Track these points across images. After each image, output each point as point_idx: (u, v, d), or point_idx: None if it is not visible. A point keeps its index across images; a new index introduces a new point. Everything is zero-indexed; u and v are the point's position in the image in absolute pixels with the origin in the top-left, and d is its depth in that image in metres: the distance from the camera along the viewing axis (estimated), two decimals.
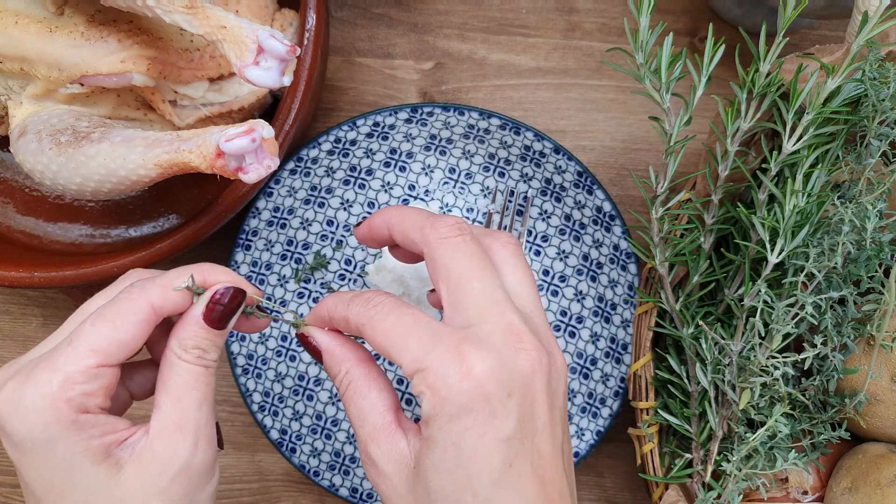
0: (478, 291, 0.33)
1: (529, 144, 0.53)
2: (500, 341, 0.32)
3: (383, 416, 0.34)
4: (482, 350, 0.31)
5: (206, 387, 0.34)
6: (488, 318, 0.33)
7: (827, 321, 0.44)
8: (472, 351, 0.31)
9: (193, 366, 0.33)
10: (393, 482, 0.33)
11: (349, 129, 0.52)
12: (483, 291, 0.33)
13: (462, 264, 0.34)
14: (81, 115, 0.47)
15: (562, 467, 0.34)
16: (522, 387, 0.32)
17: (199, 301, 0.34)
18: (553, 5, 0.58)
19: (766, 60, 0.43)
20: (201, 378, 0.33)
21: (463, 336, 0.32)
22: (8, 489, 0.59)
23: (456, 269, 0.34)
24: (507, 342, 0.32)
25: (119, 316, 0.32)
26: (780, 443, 0.45)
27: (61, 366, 0.31)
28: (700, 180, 0.47)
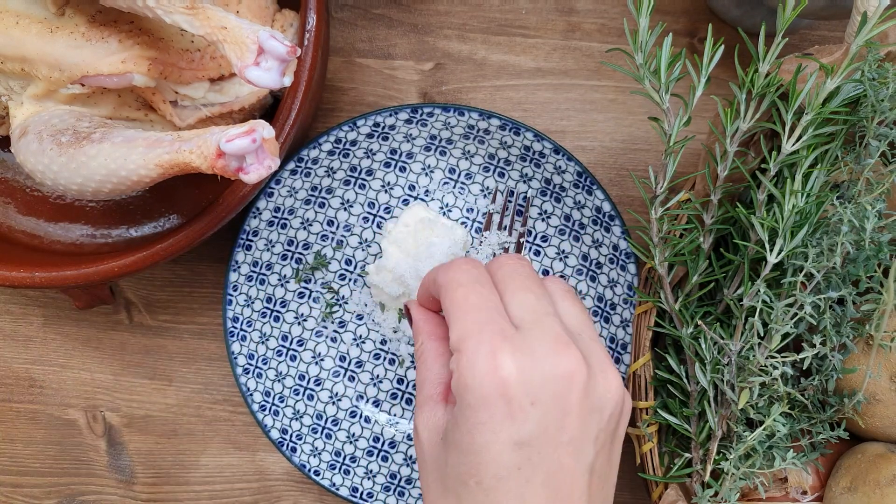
0: (531, 300, 0.36)
1: (529, 145, 0.53)
2: (543, 349, 0.33)
3: (435, 387, 0.37)
4: (520, 353, 0.33)
5: None
6: (537, 325, 0.34)
7: (826, 321, 0.44)
8: (508, 350, 0.33)
9: None
10: (425, 447, 0.36)
11: (349, 130, 0.52)
12: (537, 302, 0.36)
13: (520, 278, 0.37)
14: (82, 116, 0.47)
15: (585, 486, 0.34)
16: (553, 397, 0.33)
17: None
18: (553, 6, 0.58)
19: (765, 61, 0.43)
20: None
21: (509, 334, 0.34)
22: (8, 489, 0.59)
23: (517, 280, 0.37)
24: (550, 351, 0.33)
25: None
26: (778, 442, 0.45)
27: None
28: (699, 180, 0.48)
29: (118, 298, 0.59)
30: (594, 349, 0.36)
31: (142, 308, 0.59)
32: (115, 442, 0.59)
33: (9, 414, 0.59)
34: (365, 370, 0.56)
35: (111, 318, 0.59)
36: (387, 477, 0.55)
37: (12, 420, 0.59)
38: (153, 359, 0.59)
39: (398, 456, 0.55)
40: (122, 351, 0.59)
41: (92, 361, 0.59)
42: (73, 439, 0.59)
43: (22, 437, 0.59)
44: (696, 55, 0.46)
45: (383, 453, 0.56)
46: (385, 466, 0.55)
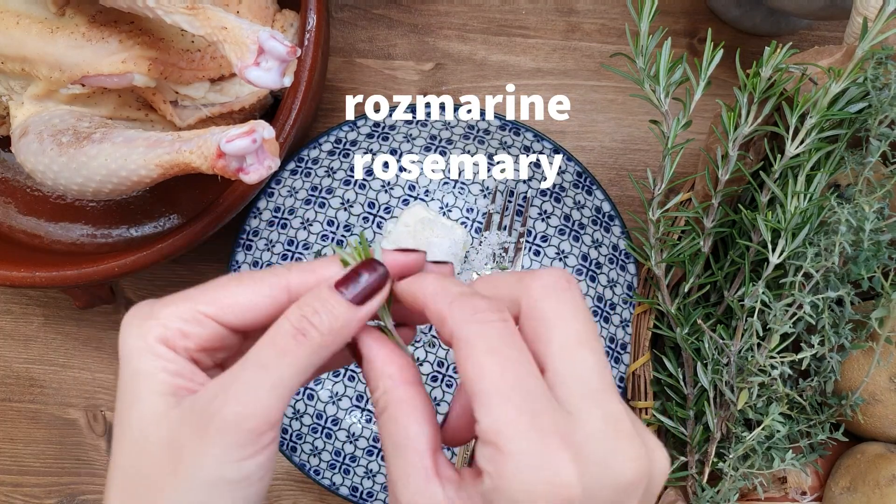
0: (588, 363, 0.27)
1: (529, 145, 0.53)
2: (603, 443, 0.26)
3: (420, 457, 0.28)
4: (580, 456, 0.25)
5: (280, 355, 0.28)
6: (595, 406, 0.26)
7: (824, 321, 0.44)
8: (567, 455, 0.25)
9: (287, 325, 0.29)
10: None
11: (349, 130, 0.52)
12: (592, 363, 0.27)
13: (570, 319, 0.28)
14: (83, 116, 0.47)
15: None
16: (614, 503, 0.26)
17: (342, 269, 0.30)
18: (553, 6, 0.58)
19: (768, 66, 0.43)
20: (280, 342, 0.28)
21: (562, 426, 0.26)
22: (9, 488, 0.59)
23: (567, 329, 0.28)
24: (612, 445, 0.26)
25: (253, 282, 0.30)
26: (777, 443, 0.45)
27: (180, 300, 0.30)
28: (699, 182, 0.48)
29: (118, 298, 0.59)
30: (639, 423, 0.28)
31: None
32: None
33: (9, 414, 0.59)
34: None
35: (111, 317, 0.59)
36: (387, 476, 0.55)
37: (13, 420, 0.59)
38: None
39: None
40: None
41: (92, 361, 0.59)
42: (73, 439, 0.59)
43: (22, 436, 0.59)
44: (695, 56, 0.46)
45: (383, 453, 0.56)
46: (385, 466, 0.55)
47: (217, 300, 0.30)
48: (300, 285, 0.30)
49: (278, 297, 0.30)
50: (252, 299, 0.30)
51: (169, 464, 0.28)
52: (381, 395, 0.29)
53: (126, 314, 0.31)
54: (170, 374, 0.29)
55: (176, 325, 0.29)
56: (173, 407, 0.29)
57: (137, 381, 0.29)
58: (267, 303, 0.30)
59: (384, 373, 0.29)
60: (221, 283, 0.30)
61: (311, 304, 0.29)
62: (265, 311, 0.30)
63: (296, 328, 0.28)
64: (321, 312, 0.29)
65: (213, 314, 0.30)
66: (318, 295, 0.29)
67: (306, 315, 0.29)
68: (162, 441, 0.28)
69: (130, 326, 0.30)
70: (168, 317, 0.30)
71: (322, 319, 0.29)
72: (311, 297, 0.29)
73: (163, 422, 0.29)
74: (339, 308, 0.29)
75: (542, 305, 0.28)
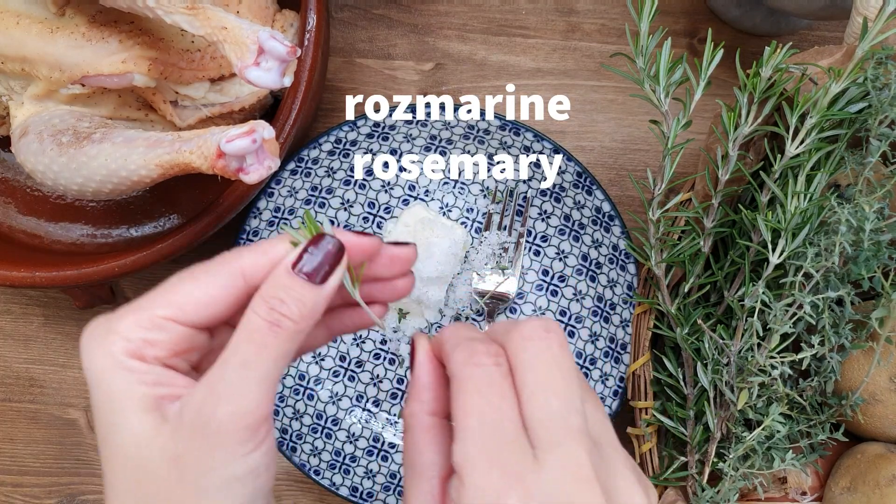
0: (555, 408, 0.28)
1: (529, 145, 0.53)
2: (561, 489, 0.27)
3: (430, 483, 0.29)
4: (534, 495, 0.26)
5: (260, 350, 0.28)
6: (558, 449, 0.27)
7: (825, 321, 0.44)
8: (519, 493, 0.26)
9: (259, 320, 0.29)
10: None
11: (349, 130, 0.52)
12: (561, 409, 0.28)
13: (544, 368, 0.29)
14: (83, 116, 0.47)
15: None
16: None
17: (294, 250, 0.30)
18: (553, 6, 0.58)
19: (768, 66, 0.43)
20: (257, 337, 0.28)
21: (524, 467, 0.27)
22: (9, 488, 0.59)
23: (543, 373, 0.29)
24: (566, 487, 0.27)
25: (206, 275, 0.30)
26: (777, 443, 0.45)
27: (135, 310, 0.29)
28: (699, 182, 0.48)
29: (118, 298, 0.59)
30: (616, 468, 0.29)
31: None
32: None
33: (9, 414, 0.59)
34: (365, 370, 0.57)
35: None
36: (387, 477, 0.55)
37: (12, 420, 0.59)
38: None
39: (398, 456, 0.55)
40: None
41: None
42: (73, 439, 0.59)
43: (22, 436, 0.59)
44: (695, 56, 0.46)
45: (383, 453, 0.56)
46: (385, 466, 0.55)
47: (173, 302, 0.29)
48: (253, 268, 0.30)
49: (235, 284, 0.30)
50: (208, 292, 0.30)
51: (173, 477, 0.28)
52: (409, 417, 0.31)
53: (83, 336, 0.30)
54: (148, 386, 0.29)
55: (138, 336, 0.29)
56: (161, 422, 0.28)
57: (117, 402, 0.29)
58: (225, 293, 0.30)
59: (419, 397, 0.31)
60: (173, 283, 0.30)
61: (276, 293, 0.29)
62: (225, 301, 0.30)
63: (268, 321, 0.29)
64: (287, 301, 0.29)
65: (172, 316, 0.29)
66: (279, 282, 0.29)
67: (275, 307, 0.29)
68: (159, 458, 0.28)
69: (91, 346, 0.29)
70: (127, 328, 0.29)
71: (291, 308, 0.29)
72: (273, 286, 0.29)
73: (156, 439, 0.28)
74: (302, 291, 0.29)
75: (520, 355, 0.29)
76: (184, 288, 0.30)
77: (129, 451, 0.29)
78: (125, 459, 0.29)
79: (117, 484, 0.29)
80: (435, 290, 0.54)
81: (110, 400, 0.29)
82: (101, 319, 0.30)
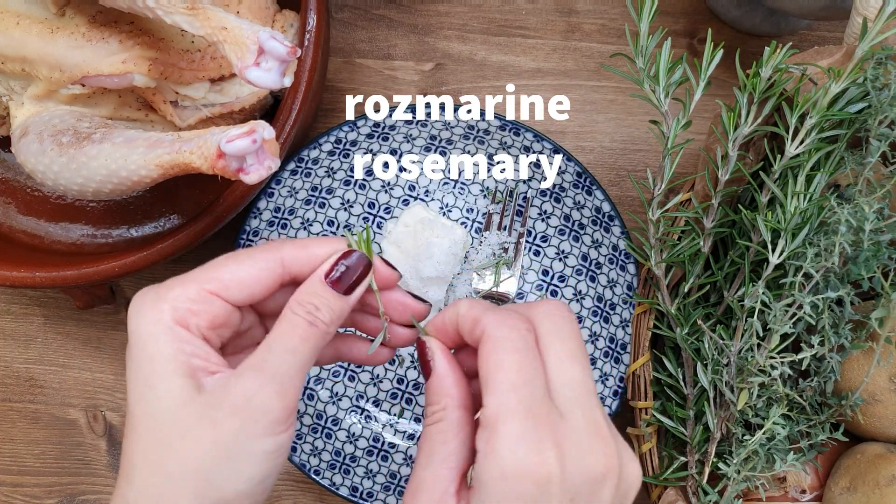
0: (577, 374, 0.32)
1: (529, 145, 0.53)
2: (585, 442, 0.31)
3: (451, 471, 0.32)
4: (565, 446, 0.30)
5: (300, 340, 0.33)
6: (580, 409, 0.31)
7: (824, 321, 0.44)
8: (553, 441, 0.30)
9: (299, 318, 0.33)
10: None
11: (349, 130, 0.53)
12: (581, 376, 0.32)
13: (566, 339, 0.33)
14: (83, 116, 0.47)
15: None
16: (589, 496, 0.30)
17: (325, 262, 0.34)
18: (552, 6, 0.58)
19: (768, 66, 0.43)
20: (298, 330, 0.33)
21: (554, 419, 0.30)
22: (9, 488, 0.59)
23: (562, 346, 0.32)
24: (592, 445, 0.31)
25: (250, 259, 0.34)
26: (778, 444, 0.45)
27: (183, 282, 0.33)
28: (699, 182, 0.48)
29: (118, 298, 0.59)
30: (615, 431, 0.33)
31: None
32: (116, 441, 0.59)
33: (9, 414, 0.59)
34: (365, 370, 0.57)
35: (111, 317, 0.59)
36: (387, 476, 0.55)
37: (13, 420, 0.59)
38: None
39: (398, 456, 0.56)
40: (122, 351, 0.59)
41: (92, 361, 0.59)
42: (73, 439, 0.59)
43: (22, 436, 0.59)
44: (695, 56, 0.46)
45: (383, 453, 0.56)
46: (385, 466, 0.55)
47: (220, 278, 0.33)
48: (293, 259, 0.34)
49: (275, 269, 0.34)
50: (251, 273, 0.33)
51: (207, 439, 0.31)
52: (440, 410, 0.33)
53: (133, 301, 0.33)
54: (187, 356, 0.32)
55: (185, 306, 0.32)
56: (196, 390, 0.32)
57: (159, 364, 0.32)
58: (265, 275, 0.34)
59: (450, 393, 0.34)
60: (220, 262, 0.34)
61: (310, 299, 0.34)
62: (264, 284, 0.34)
63: (307, 320, 0.33)
64: (321, 307, 0.34)
65: (217, 291, 0.33)
66: (313, 289, 0.34)
67: (310, 311, 0.33)
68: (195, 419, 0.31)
69: (142, 310, 0.33)
70: (177, 298, 0.32)
71: (323, 313, 0.34)
72: (309, 292, 0.34)
73: (192, 404, 0.31)
74: (332, 299, 0.34)
75: (546, 325, 0.33)
76: (229, 267, 0.33)
77: (164, 405, 0.31)
78: (160, 414, 0.32)
79: (147, 436, 0.32)
80: (435, 290, 0.54)
81: (152, 360, 0.32)
82: (150, 288, 0.33)
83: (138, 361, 0.32)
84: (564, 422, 0.31)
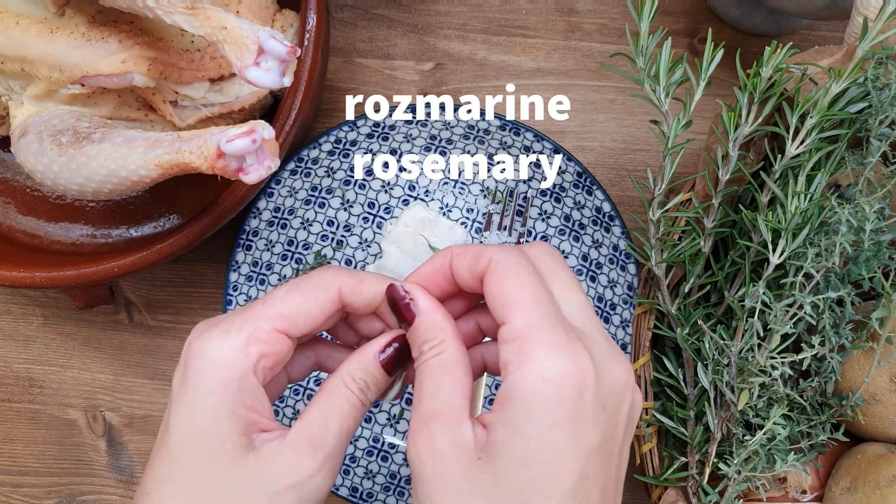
0: (581, 301, 0.33)
1: (529, 145, 0.53)
2: (606, 352, 0.32)
3: (460, 397, 0.32)
4: (594, 354, 0.31)
5: (354, 421, 0.33)
6: (592, 328, 0.32)
7: (825, 321, 0.44)
8: (585, 351, 0.30)
9: (354, 396, 0.33)
10: (447, 465, 0.31)
11: (349, 130, 0.52)
12: (585, 302, 0.34)
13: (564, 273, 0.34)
14: (82, 116, 0.47)
15: (619, 500, 0.33)
16: (614, 404, 0.31)
17: (378, 339, 0.35)
18: (553, 6, 0.58)
19: (768, 66, 0.43)
20: (354, 411, 0.33)
21: (580, 334, 0.31)
22: (9, 489, 0.59)
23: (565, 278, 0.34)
24: (612, 354, 0.32)
25: (311, 289, 0.33)
26: (778, 444, 0.45)
27: (251, 320, 0.32)
28: (699, 182, 0.48)
29: (118, 298, 0.59)
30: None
31: (142, 308, 0.59)
32: (116, 442, 0.59)
33: (9, 414, 0.59)
34: None
35: (111, 318, 0.59)
36: (387, 477, 0.55)
37: (12, 420, 0.59)
38: (153, 359, 0.59)
39: (398, 456, 0.55)
40: (122, 351, 0.59)
41: (92, 361, 0.59)
42: (73, 439, 0.59)
43: (22, 437, 0.59)
44: (696, 56, 0.46)
45: (383, 453, 0.56)
46: (385, 466, 0.55)
47: (288, 314, 0.33)
48: (349, 291, 0.34)
49: (335, 301, 0.34)
50: (316, 306, 0.33)
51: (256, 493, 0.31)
52: (438, 343, 0.33)
53: (195, 338, 0.32)
54: (247, 410, 0.32)
55: (258, 350, 0.32)
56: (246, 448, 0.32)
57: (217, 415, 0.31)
58: (328, 307, 0.33)
59: (444, 327, 0.33)
60: (284, 295, 0.33)
61: (364, 377, 0.34)
62: (325, 316, 0.33)
63: (360, 399, 0.34)
64: (371, 387, 0.34)
65: (285, 329, 0.32)
66: (368, 367, 0.34)
67: (363, 389, 0.34)
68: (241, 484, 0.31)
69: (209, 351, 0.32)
70: (250, 341, 0.32)
71: (371, 393, 0.34)
72: (363, 369, 0.34)
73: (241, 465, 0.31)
74: (381, 380, 0.35)
75: (546, 261, 0.34)
76: (296, 300, 0.33)
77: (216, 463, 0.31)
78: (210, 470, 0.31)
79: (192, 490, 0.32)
80: None
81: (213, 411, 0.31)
82: (215, 325, 0.32)
83: (197, 409, 0.31)
84: (586, 337, 0.31)
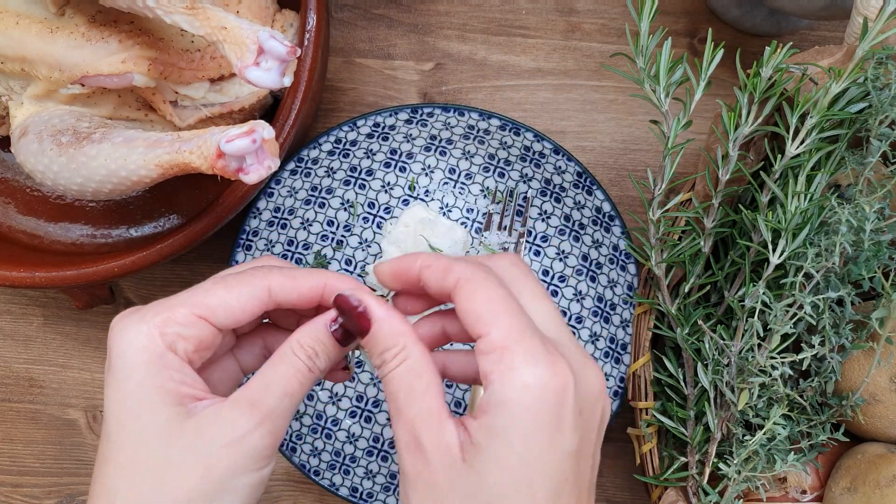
0: (549, 309, 0.34)
1: (529, 145, 0.53)
2: (580, 359, 0.32)
3: (438, 400, 0.32)
4: (569, 360, 0.31)
5: (300, 385, 0.33)
6: (562, 336, 0.33)
7: (825, 321, 0.44)
8: (563, 360, 0.31)
9: (300, 361, 0.34)
10: (436, 471, 0.31)
11: (349, 130, 0.52)
12: (554, 310, 0.34)
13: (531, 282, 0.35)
14: (82, 116, 0.47)
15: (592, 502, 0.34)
16: (590, 410, 0.32)
17: (330, 311, 0.34)
18: (553, 6, 0.58)
19: (768, 66, 0.43)
20: (300, 375, 0.33)
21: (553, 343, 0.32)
22: (9, 489, 0.59)
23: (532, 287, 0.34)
24: (585, 362, 0.33)
25: (239, 285, 0.34)
26: (778, 444, 0.45)
27: (171, 306, 0.33)
28: (699, 182, 0.48)
29: (118, 298, 0.59)
30: None
31: None
32: None
33: (9, 414, 0.59)
34: (365, 370, 0.57)
35: (111, 317, 0.59)
36: (387, 477, 0.55)
37: (12, 420, 0.59)
38: None
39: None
40: None
41: (92, 361, 0.59)
42: (73, 439, 0.59)
43: (22, 437, 0.59)
44: (696, 56, 0.46)
45: (383, 453, 0.56)
46: (385, 466, 0.55)
47: (208, 304, 0.33)
48: (281, 288, 0.34)
49: (262, 297, 0.34)
50: (240, 300, 0.34)
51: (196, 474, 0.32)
52: (401, 351, 0.33)
53: (116, 323, 0.33)
54: (176, 384, 0.32)
55: (174, 330, 0.33)
56: (185, 417, 0.32)
57: (144, 392, 0.32)
58: (253, 303, 0.34)
59: (403, 331, 0.33)
60: (208, 287, 0.34)
61: (313, 345, 0.34)
62: (251, 310, 0.34)
63: (308, 366, 0.34)
64: (321, 355, 0.34)
65: (206, 315, 0.33)
66: (318, 336, 0.34)
67: (311, 356, 0.34)
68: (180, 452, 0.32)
69: (127, 334, 0.33)
70: (166, 322, 0.33)
71: (321, 361, 0.34)
72: (312, 337, 0.34)
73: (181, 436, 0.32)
74: (332, 350, 0.34)
75: (513, 272, 0.34)
76: (218, 293, 0.34)
77: (152, 435, 0.32)
78: (148, 444, 0.32)
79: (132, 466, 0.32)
80: None
81: (140, 388, 0.32)
82: (134, 310, 0.34)
83: (123, 389, 0.32)
84: (559, 345, 0.32)
